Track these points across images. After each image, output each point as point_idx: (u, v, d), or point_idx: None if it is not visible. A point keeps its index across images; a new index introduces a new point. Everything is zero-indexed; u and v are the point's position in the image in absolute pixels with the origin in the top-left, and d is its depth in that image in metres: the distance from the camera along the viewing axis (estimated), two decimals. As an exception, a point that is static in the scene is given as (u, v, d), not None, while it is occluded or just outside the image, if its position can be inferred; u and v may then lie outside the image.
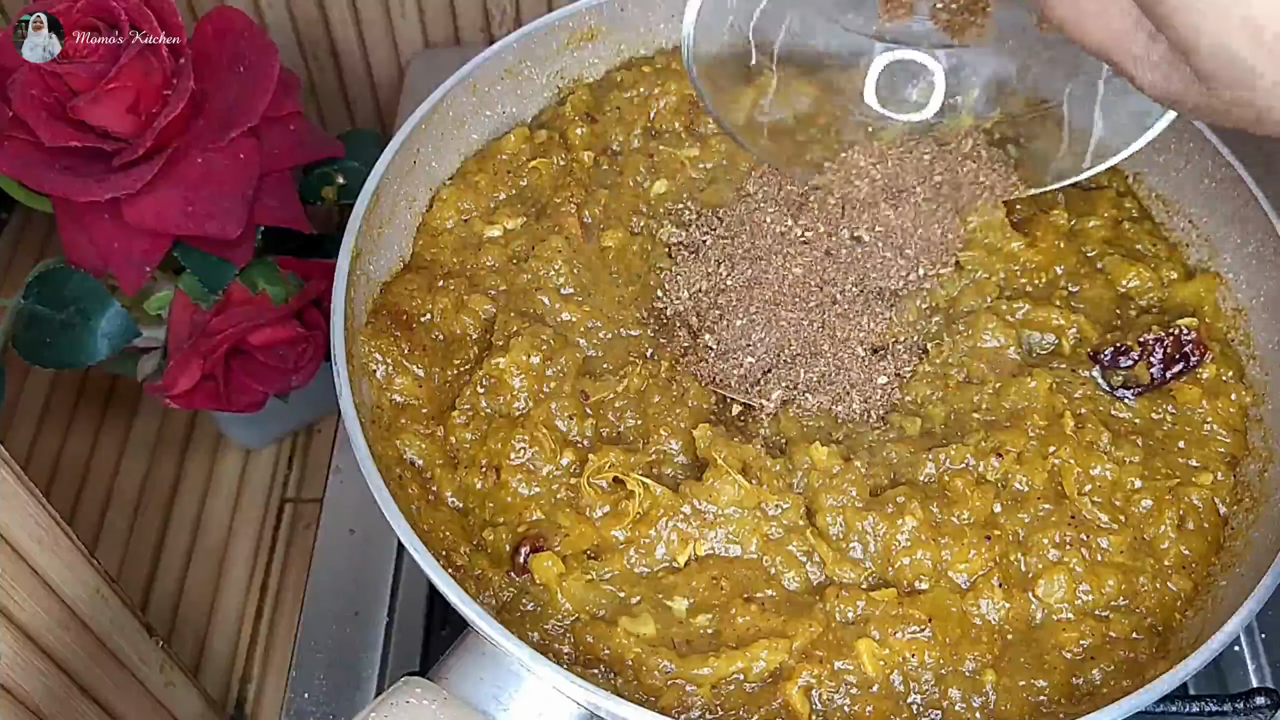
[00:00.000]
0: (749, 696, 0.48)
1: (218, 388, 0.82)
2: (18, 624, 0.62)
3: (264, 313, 0.80)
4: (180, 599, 1.02)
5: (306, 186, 0.87)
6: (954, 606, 0.50)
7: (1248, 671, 0.64)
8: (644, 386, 0.56)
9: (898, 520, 0.51)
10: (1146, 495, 0.53)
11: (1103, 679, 0.49)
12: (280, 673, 0.98)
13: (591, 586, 0.50)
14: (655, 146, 0.66)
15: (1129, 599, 0.52)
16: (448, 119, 0.64)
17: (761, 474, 0.52)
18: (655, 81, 0.68)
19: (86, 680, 0.70)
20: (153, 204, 0.74)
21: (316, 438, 1.11)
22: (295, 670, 0.64)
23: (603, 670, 0.49)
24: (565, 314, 0.59)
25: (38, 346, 0.78)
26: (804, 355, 0.58)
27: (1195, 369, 0.57)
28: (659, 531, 0.51)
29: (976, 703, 0.49)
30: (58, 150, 0.73)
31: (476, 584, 0.51)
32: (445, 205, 0.63)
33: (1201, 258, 0.63)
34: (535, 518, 0.52)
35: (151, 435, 1.11)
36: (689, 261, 0.62)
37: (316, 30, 1.02)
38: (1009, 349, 0.58)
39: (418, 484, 0.54)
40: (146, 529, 1.05)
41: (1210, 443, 0.56)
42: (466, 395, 0.56)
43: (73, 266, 0.78)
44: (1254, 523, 0.53)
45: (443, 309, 0.59)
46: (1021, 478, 0.53)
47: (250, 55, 0.77)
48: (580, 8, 0.68)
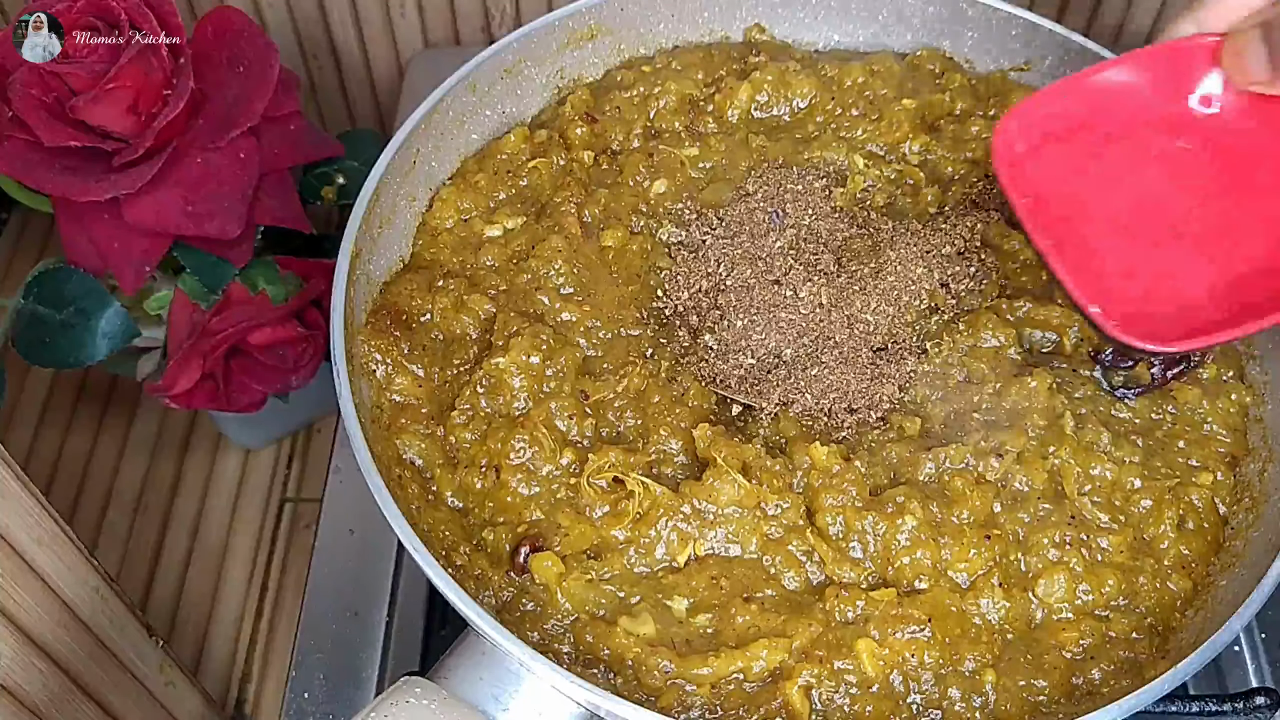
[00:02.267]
0: (749, 696, 0.48)
1: (217, 388, 0.82)
2: (18, 624, 0.62)
3: (264, 313, 0.80)
4: (180, 599, 1.02)
5: (306, 186, 0.87)
6: (954, 606, 0.50)
7: (1248, 671, 0.64)
8: (644, 386, 0.56)
9: (898, 520, 0.51)
10: (1146, 495, 0.53)
11: (1102, 679, 0.49)
12: (280, 673, 0.98)
13: (591, 586, 0.50)
14: (655, 146, 0.66)
15: (1129, 599, 0.52)
16: (447, 119, 0.64)
17: (761, 474, 0.52)
18: (655, 81, 0.68)
19: (86, 680, 0.70)
20: (153, 204, 0.74)
21: (316, 438, 1.11)
22: (295, 670, 0.64)
23: (602, 670, 0.49)
24: (565, 314, 0.59)
25: (38, 346, 0.78)
26: (804, 355, 0.58)
27: (1196, 369, 0.57)
28: (659, 531, 0.51)
29: (976, 702, 0.49)
30: (58, 150, 0.73)
31: (476, 584, 0.51)
32: (445, 205, 0.63)
33: (1201, 257, 0.62)
34: (535, 517, 0.52)
35: (151, 435, 1.10)
36: (689, 261, 0.62)
37: (316, 30, 1.01)
38: (1009, 349, 0.58)
39: (417, 484, 0.54)
40: (146, 529, 1.05)
41: (1210, 443, 0.56)
42: (466, 395, 0.56)
43: (73, 266, 0.78)
44: (1254, 523, 0.53)
45: (442, 309, 0.59)
46: (1021, 478, 0.53)
47: (250, 55, 0.77)
48: (580, 8, 0.68)
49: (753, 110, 0.69)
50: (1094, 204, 0.54)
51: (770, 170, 0.65)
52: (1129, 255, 0.53)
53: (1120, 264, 0.53)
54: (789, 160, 0.66)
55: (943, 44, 0.71)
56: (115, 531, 1.05)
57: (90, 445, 1.10)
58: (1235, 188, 0.54)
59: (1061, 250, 0.51)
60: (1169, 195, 0.54)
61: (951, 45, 0.70)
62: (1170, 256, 0.53)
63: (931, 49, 0.70)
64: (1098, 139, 0.55)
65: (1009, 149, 0.54)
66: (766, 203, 0.63)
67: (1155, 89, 0.54)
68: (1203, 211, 0.54)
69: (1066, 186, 0.54)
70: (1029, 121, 0.55)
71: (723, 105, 0.68)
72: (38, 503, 0.62)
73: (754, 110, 0.69)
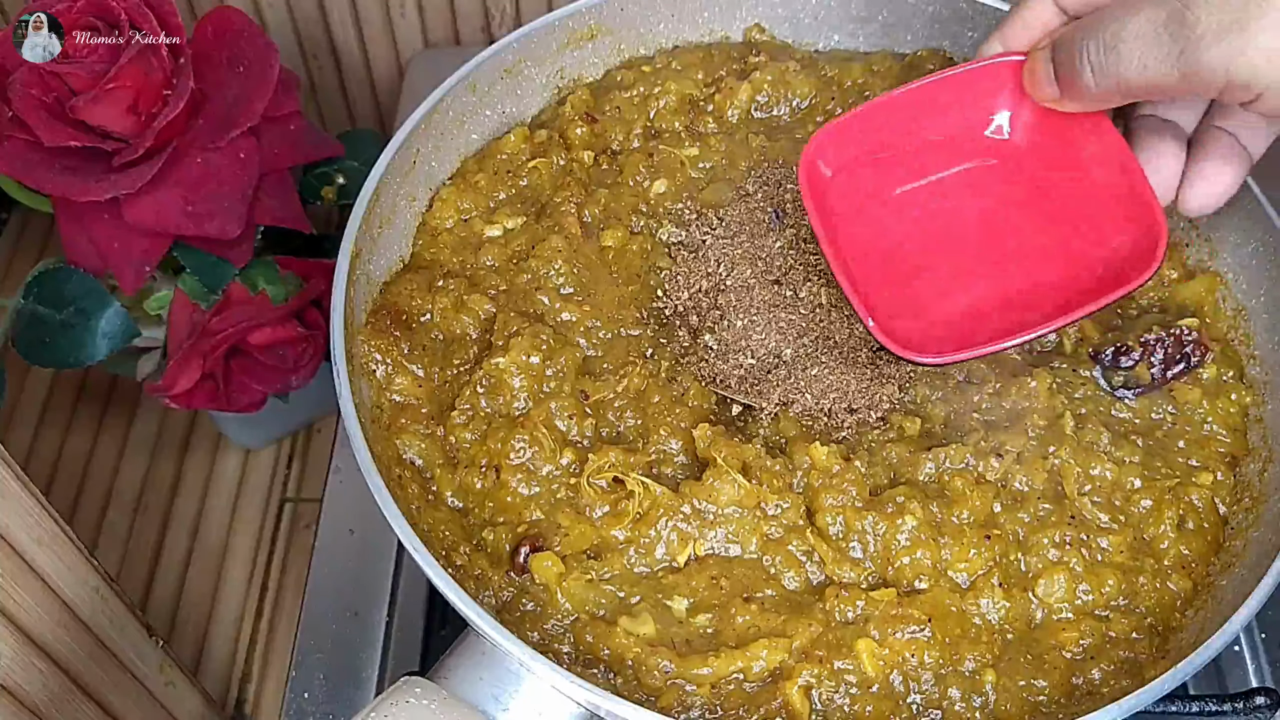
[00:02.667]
0: (749, 696, 0.48)
1: (217, 388, 0.82)
2: (18, 624, 0.62)
3: (264, 313, 0.80)
4: (180, 599, 1.02)
5: (306, 186, 0.87)
6: (954, 606, 0.50)
7: (1248, 671, 0.64)
8: (644, 386, 0.56)
9: (897, 520, 0.51)
10: (1146, 495, 0.53)
11: (1102, 679, 0.49)
12: (280, 673, 0.98)
13: (591, 586, 0.50)
14: (655, 146, 0.66)
15: (1129, 599, 0.52)
16: (447, 119, 0.64)
17: (761, 474, 0.52)
18: (655, 81, 0.68)
19: (86, 680, 0.70)
20: (153, 204, 0.74)
21: (316, 438, 1.11)
22: (295, 670, 0.64)
23: (602, 670, 0.49)
24: (565, 314, 0.59)
25: (38, 346, 0.78)
26: (804, 355, 0.58)
27: (1196, 369, 0.57)
28: (659, 531, 0.51)
29: (976, 702, 0.49)
30: (58, 150, 0.73)
31: (476, 584, 0.51)
32: (445, 205, 0.63)
33: (1201, 257, 0.62)
34: (535, 517, 0.52)
35: (151, 435, 1.10)
36: (689, 261, 0.62)
37: (316, 30, 1.02)
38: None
39: (417, 484, 0.54)
40: (146, 529, 1.05)
41: (1210, 443, 0.56)
42: (466, 395, 0.56)
43: (73, 266, 0.78)
44: (1254, 523, 0.53)
45: (442, 309, 0.59)
46: (1021, 478, 0.53)
47: (250, 55, 0.77)
48: (580, 8, 0.68)
49: (753, 110, 0.69)
50: (891, 223, 0.56)
51: (770, 170, 0.65)
52: (919, 274, 0.54)
53: (908, 280, 0.54)
54: (789, 160, 0.66)
55: (943, 44, 0.71)
56: (115, 531, 1.05)
57: (90, 445, 1.10)
58: (1029, 204, 0.55)
59: (854, 266, 0.53)
60: (970, 215, 0.55)
61: (951, 45, 0.70)
62: (960, 274, 0.54)
63: (931, 49, 0.70)
64: (903, 158, 0.56)
65: (814, 171, 0.55)
66: (766, 203, 0.63)
67: (963, 109, 0.55)
68: (999, 229, 0.55)
69: (867, 206, 0.56)
70: (838, 142, 0.56)
71: (723, 105, 0.68)
72: (38, 503, 0.62)
73: (754, 110, 0.69)
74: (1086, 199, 0.53)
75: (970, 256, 0.55)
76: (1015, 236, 0.55)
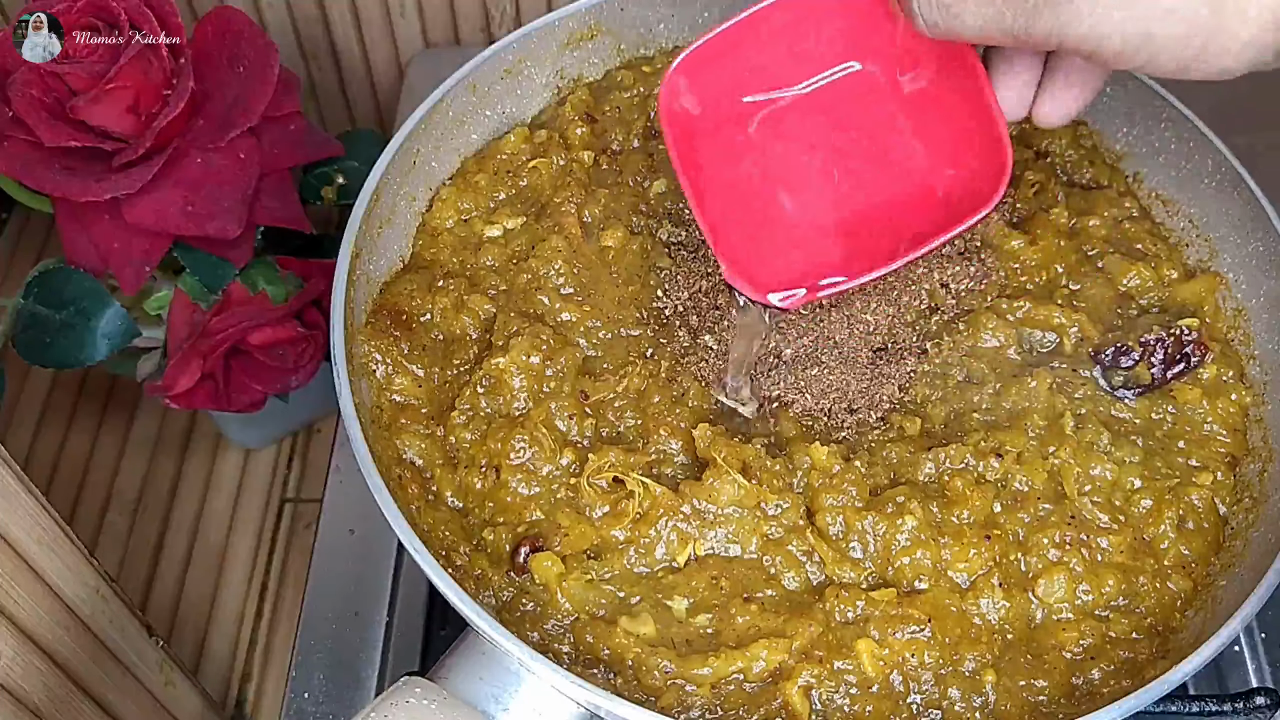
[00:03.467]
0: (749, 696, 0.48)
1: (217, 388, 0.82)
2: (18, 624, 0.62)
3: (264, 313, 0.80)
4: (180, 599, 1.02)
5: (306, 186, 0.87)
6: (954, 606, 0.50)
7: (1248, 671, 0.64)
8: (644, 386, 0.56)
9: (897, 520, 0.51)
10: (1146, 495, 0.53)
11: (1102, 679, 0.49)
12: (280, 673, 0.98)
13: (591, 586, 0.50)
14: (655, 146, 0.66)
15: (1129, 599, 0.52)
16: (448, 119, 0.64)
17: (761, 474, 0.52)
18: (655, 81, 0.68)
19: (86, 680, 0.70)
20: (153, 204, 0.74)
21: (316, 438, 1.11)
22: (295, 670, 0.64)
23: (602, 670, 0.49)
24: (565, 314, 0.59)
25: (38, 346, 0.78)
26: (804, 355, 0.58)
27: (1196, 369, 0.57)
28: (659, 531, 0.51)
29: (976, 703, 0.49)
30: (58, 150, 0.73)
31: (476, 584, 0.51)
32: (445, 205, 0.63)
33: (1202, 257, 0.63)
34: (535, 518, 0.52)
35: (151, 435, 1.11)
36: (689, 261, 0.62)
37: (316, 30, 1.02)
38: (1009, 349, 0.58)
39: (417, 484, 0.54)
40: (146, 529, 1.05)
41: (1210, 443, 0.56)
42: (466, 395, 0.56)
43: (73, 266, 0.78)
44: (1254, 523, 0.53)
45: (442, 309, 0.59)
46: (1021, 478, 0.53)
47: (250, 55, 0.77)
48: (580, 8, 0.68)
49: (753, 110, 0.69)
50: (757, 154, 0.54)
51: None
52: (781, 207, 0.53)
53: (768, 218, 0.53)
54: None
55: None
56: (115, 531, 1.05)
57: (90, 445, 1.10)
58: (888, 125, 0.53)
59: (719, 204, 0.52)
60: (834, 139, 0.54)
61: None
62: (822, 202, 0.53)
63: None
64: (764, 79, 0.53)
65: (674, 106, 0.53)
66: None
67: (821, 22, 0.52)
68: (860, 152, 0.54)
69: (730, 142, 0.54)
70: (697, 73, 0.53)
71: (723, 105, 0.68)
72: (38, 503, 0.62)
73: (754, 110, 0.69)
74: (941, 120, 0.52)
75: (832, 186, 0.53)
76: (875, 161, 0.53)
